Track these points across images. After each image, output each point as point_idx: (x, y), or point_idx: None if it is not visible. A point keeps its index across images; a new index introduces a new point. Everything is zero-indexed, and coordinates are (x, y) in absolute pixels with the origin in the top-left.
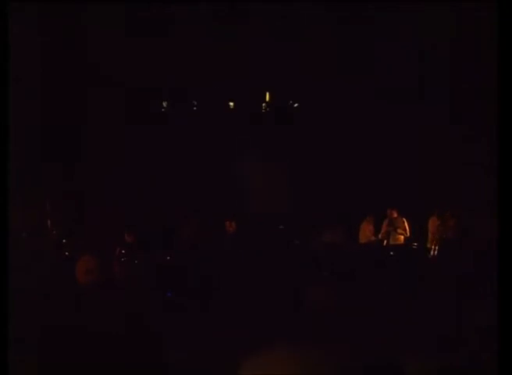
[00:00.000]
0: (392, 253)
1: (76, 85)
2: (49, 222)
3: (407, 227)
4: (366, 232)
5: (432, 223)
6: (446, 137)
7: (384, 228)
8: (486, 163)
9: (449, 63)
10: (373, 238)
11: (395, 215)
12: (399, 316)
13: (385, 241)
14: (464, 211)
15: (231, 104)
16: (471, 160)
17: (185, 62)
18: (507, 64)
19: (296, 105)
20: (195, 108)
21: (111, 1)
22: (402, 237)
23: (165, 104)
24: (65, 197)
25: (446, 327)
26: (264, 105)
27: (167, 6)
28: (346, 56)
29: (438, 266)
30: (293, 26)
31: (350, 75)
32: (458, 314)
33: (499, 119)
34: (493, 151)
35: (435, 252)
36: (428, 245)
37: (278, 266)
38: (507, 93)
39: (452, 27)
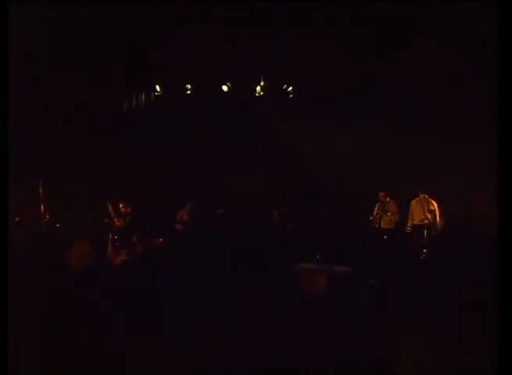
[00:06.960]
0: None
1: (76, 83)
2: (42, 207)
3: (396, 211)
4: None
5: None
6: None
7: (375, 211)
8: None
9: (449, 63)
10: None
11: (387, 199)
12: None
13: (376, 224)
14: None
15: (224, 88)
16: (471, 158)
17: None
18: (507, 64)
19: (290, 88)
20: (189, 92)
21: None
22: (393, 220)
23: (158, 87)
24: (59, 182)
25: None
26: (258, 88)
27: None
28: (346, 55)
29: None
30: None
31: (350, 75)
32: (456, 312)
33: (498, 118)
34: (493, 150)
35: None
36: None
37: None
38: (507, 93)
39: (451, 27)
